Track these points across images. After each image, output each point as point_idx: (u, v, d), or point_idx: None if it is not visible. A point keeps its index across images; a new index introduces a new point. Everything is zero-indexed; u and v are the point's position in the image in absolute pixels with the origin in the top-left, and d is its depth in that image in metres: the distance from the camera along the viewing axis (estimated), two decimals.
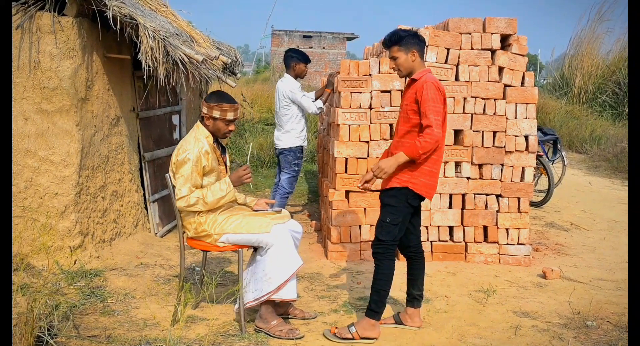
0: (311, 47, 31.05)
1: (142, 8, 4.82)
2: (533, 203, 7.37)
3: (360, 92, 5.29)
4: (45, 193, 4.55)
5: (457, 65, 5.36)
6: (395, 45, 3.68)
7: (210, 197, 3.68)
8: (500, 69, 5.38)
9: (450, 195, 5.38)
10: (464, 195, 5.40)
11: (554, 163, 8.16)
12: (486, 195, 5.41)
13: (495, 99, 5.36)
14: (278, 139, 6.27)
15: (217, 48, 5.71)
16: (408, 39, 3.65)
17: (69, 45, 4.50)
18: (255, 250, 3.82)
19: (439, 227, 5.40)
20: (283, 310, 3.96)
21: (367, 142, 5.31)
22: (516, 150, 5.39)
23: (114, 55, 4.98)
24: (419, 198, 3.72)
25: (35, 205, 4.52)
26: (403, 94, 3.85)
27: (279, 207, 4.21)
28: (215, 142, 3.85)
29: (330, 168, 5.78)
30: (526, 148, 5.40)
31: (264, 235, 3.68)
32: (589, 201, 8.23)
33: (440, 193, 5.31)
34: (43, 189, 4.55)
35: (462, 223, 5.41)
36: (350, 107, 5.28)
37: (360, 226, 5.38)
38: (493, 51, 5.38)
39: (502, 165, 5.39)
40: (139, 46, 4.47)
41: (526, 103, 5.38)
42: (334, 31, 32.69)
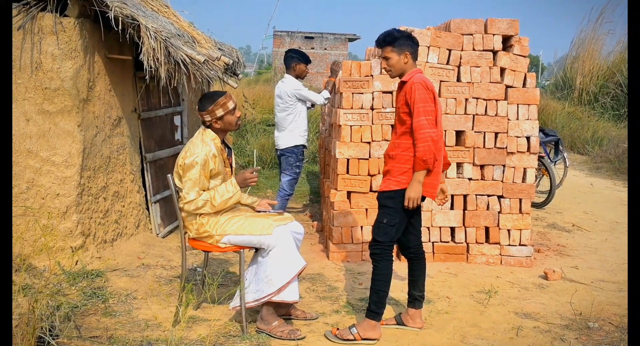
0: (313, 48, 31.07)
1: (144, 9, 4.82)
2: (535, 204, 7.37)
3: (361, 93, 5.29)
4: (46, 193, 4.55)
5: (459, 66, 5.36)
6: (388, 46, 3.67)
7: (218, 199, 3.69)
8: (502, 70, 5.38)
9: (452, 196, 5.38)
10: (465, 196, 5.40)
11: (555, 165, 8.15)
12: (488, 196, 5.40)
13: (497, 100, 5.36)
14: (279, 139, 6.27)
15: (219, 49, 5.71)
16: (402, 41, 3.65)
17: (71, 46, 4.51)
18: (257, 250, 3.82)
19: (440, 227, 5.39)
20: (284, 311, 3.95)
21: (369, 143, 5.31)
22: (518, 151, 5.38)
23: (116, 56, 4.99)
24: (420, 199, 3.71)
25: (37, 206, 4.53)
26: (396, 96, 3.85)
27: (279, 209, 4.21)
28: (222, 143, 3.85)
29: (332, 169, 5.78)
30: (528, 150, 5.39)
31: (265, 236, 3.68)
32: (590, 202, 8.22)
33: None
34: (45, 190, 4.55)
35: (464, 224, 5.41)
36: (351, 108, 5.28)
37: (361, 227, 5.37)
38: (495, 52, 5.38)
39: (504, 166, 5.39)
40: (141, 47, 4.48)
41: (528, 105, 5.38)
42: (335, 32, 32.73)
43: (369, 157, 5.31)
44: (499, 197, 5.41)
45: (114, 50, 4.99)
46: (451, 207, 5.40)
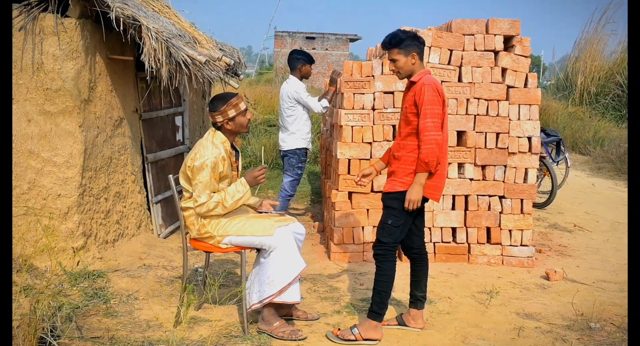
0: (314, 49, 31.09)
1: (145, 9, 4.82)
2: (536, 205, 7.36)
3: (363, 93, 5.28)
4: (48, 194, 4.56)
5: (460, 67, 5.35)
6: (395, 48, 3.66)
7: (230, 200, 3.69)
8: (504, 70, 5.38)
9: (453, 197, 5.38)
10: (467, 197, 5.40)
11: (557, 165, 8.14)
12: (489, 197, 5.40)
13: (498, 100, 5.35)
14: (282, 141, 6.26)
15: (220, 49, 5.71)
16: (408, 42, 3.63)
17: (72, 47, 4.51)
18: (259, 250, 3.82)
19: (441, 228, 5.39)
20: (286, 311, 3.95)
21: (370, 143, 5.31)
22: (519, 151, 5.38)
23: (117, 57, 4.99)
24: (423, 200, 3.70)
25: (38, 206, 4.53)
26: (403, 96, 3.84)
27: (281, 210, 4.20)
28: (231, 146, 3.84)
29: (333, 170, 5.78)
30: (529, 150, 5.39)
31: (267, 237, 3.68)
32: (592, 202, 8.21)
33: (443, 195, 5.30)
34: (46, 190, 4.56)
35: (465, 225, 5.40)
36: (353, 108, 5.28)
37: (363, 227, 5.37)
38: (496, 52, 5.37)
39: (505, 166, 5.39)
40: (142, 47, 4.48)
41: (529, 105, 5.37)
42: (337, 32, 32.77)
43: (370, 158, 5.31)
44: (501, 198, 5.41)
45: (115, 50, 4.99)
46: (452, 208, 5.40)
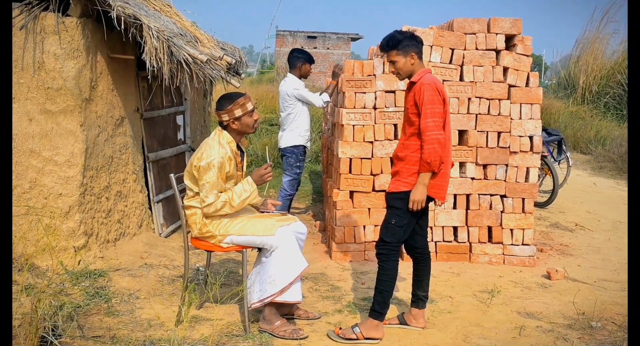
0: (315, 48, 31.05)
1: (146, 8, 4.82)
2: (537, 204, 7.35)
3: (364, 92, 5.28)
4: (49, 193, 4.56)
5: (462, 66, 5.35)
6: (393, 50, 3.65)
7: (237, 200, 3.68)
8: (505, 69, 5.37)
9: (455, 196, 5.37)
10: (468, 196, 5.39)
11: (559, 164, 8.14)
12: (490, 196, 5.40)
13: (499, 99, 5.35)
14: (280, 139, 6.27)
15: (221, 48, 5.70)
16: (406, 42, 3.62)
17: (73, 46, 4.51)
18: (261, 250, 3.82)
19: (443, 227, 5.39)
20: (287, 310, 3.95)
21: (372, 142, 5.30)
22: (521, 150, 5.37)
23: (118, 56, 4.99)
24: (427, 200, 3.69)
25: (40, 206, 4.53)
26: (405, 97, 3.83)
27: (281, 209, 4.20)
28: (236, 146, 3.83)
29: (335, 169, 5.78)
30: (531, 149, 5.38)
31: (268, 237, 3.68)
32: (593, 202, 8.21)
33: None
34: (47, 190, 4.56)
35: (467, 224, 5.40)
36: (354, 107, 5.28)
37: (364, 226, 5.37)
38: (498, 51, 5.37)
39: (507, 165, 5.38)
40: (143, 46, 4.48)
41: (531, 104, 5.37)
42: (338, 31, 32.71)
43: (372, 157, 5.30)
44: (502, 197, 5.40)
45: (117, 49, 4.99)
46: (454, 207, 5.39)
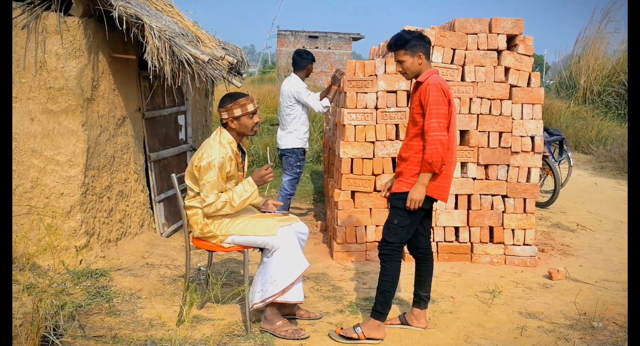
0: (317, 48, 31.07)
1: (148, 8, 4.82)
2: (539, 204, 7.35)
3: (366, 93, 5.28)
4: (51, 193, 4.56)
5: (463, 66, 5.35)
6: (401, 49, 3.64)
7: (237, 200, 3.68)
8: (507, 70, 5.37)
9: (456, 196, 5.37)
10: (469, 196, 5.39)
11: (560, 164, 8.13)
12: (492, 196, 5.39)
13: (501, 100, 5.34)
14: (280, 139, 6.26)
15: (223, 48, 5.71)
16: (414, 42, 3.61)
17: (75, 45, 4.51)
18: (263, 250, 3.82)
19: (444, 227, 5.38)
20: (288, 311, 3.95)
21: (373, 142, 5.30)
22: (522, 150, 5.37)
23: (120, 55, 4.99)
24: (430, 201, 3.68)
25: (41, 205, 4.54)
26: (410, 96, 3.83)
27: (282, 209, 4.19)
28: (237, 147, 3.84)
29: (336, 169, 5.78)
30: (532, 149, 5.38)
31: (270, 237, 3.68)
32: (595, 202, 8.20)
33: None
34: (49, 189, 4.56)
35: (468, 224, 5.40)
36: (356, 107, 5.28)
37: (365, 226, 5.37)
38: (499, 51, 5.36)
39: (508, 165, 5.38)
40: (145, 46, 4.48)
41: (532, 104, 5.36)
42: (339, 31, 32.74)
43: (373, 157, 5.30)
44: (503, 197, 5.40)
45: (118, 49, 4.99)
46: (455, 207, 5.39)
